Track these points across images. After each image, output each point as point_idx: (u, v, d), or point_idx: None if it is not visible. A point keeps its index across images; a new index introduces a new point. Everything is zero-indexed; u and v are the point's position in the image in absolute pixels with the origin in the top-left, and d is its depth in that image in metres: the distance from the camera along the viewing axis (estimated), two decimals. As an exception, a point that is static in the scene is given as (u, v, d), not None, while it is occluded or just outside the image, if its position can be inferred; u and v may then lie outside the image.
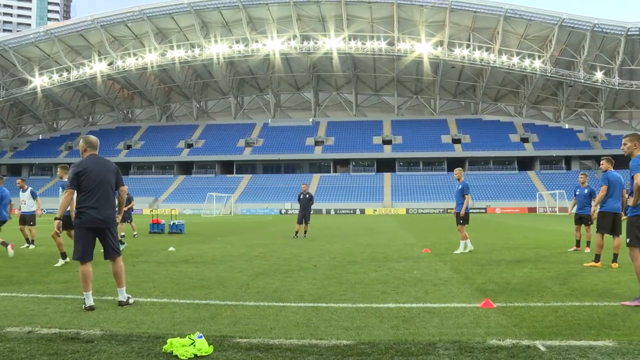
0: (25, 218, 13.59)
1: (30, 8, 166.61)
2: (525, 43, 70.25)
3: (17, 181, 13.99)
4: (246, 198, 72.26)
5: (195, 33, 73.74)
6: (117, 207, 6.28)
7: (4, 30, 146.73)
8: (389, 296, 6.45)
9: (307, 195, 17.62)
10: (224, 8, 70.74)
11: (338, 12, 70.11)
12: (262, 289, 7.04)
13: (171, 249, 13.06)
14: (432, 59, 73.25)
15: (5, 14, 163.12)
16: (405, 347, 4.20)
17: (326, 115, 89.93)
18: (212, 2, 69.71)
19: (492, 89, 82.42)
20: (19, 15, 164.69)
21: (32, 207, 13.56)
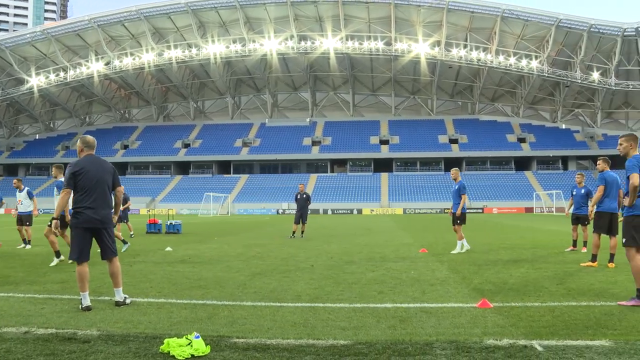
0: (22, 218, 13.55)
1: (26, 7, 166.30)
2: (522, 43, 70.34)
3: (14, 181, 13.95)
4: (243, 198, 72.20)
5: (192, 33, 73.64)
6: (113, 207, 6.27)
7: (1, 29, 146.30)
8: (386, 296, 6.45)
9: (304, 195, 17.63)
10: (221, 8, 70.66)
11: (335, 12, 70.09)
12: (259, 289, 7.03)
13: (168, 249, 13.05)
14: (430, 59, 73.28)
15: (1, 13, 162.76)
16: (402, 347, 4.20)
17: (323, 115, 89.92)
18: (209, 2, 69.60)
19: (489, 89, 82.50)
20: (15, 15, 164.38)
21: (29, 208, 13.53)
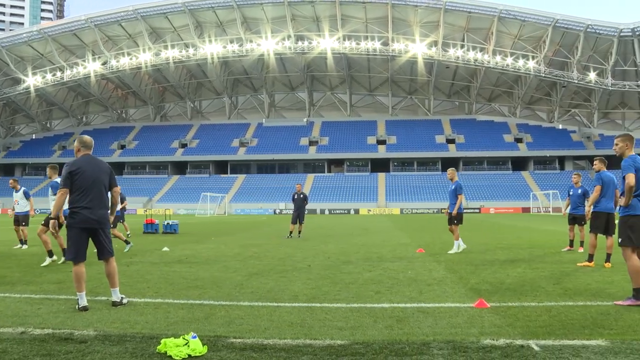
0: (18, 218, 13.52)
1: (23, 7, 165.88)
2: (519, 43, 70.48)
3: (10, 181, 13.90)
4: (240, 198, 72.15)
5: (189, 33, 73.59)
6: (109, 208, 6.25)
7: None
8: (383, 296, 6.45)
9: (301, 195, 17.62)
10: (218, 8, 70.63)
11: (332, 12, 70.12)
12: (256, 289, 7.02)
13: (165, 249, 13.03)
14: (427, 59, 73.37)
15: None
16: (399, 347, 4.20)
17: (320, 115, 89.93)
18: (206, 2, 69.58)
19: (486, 89, 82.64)
20: (11, 14, 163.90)
21: (25, 208, 13.49)
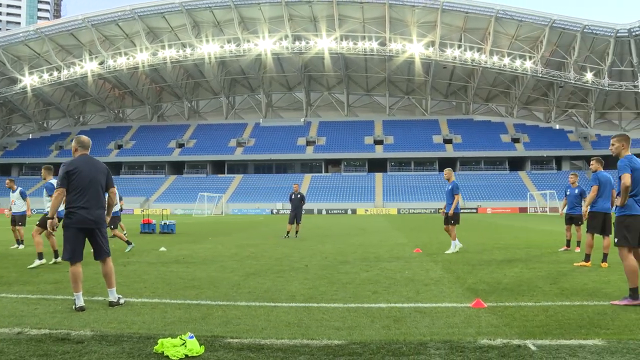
0: (15, 219, 13.49)
1: (19, 6, 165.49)
2: (516, 44, 70.61)
3: (6, 181, 13.86)
4: (237, 198, 72.10)
5: (186, 33, 73.50)
6: (106, 208, 6.25)
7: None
8: (381, 296, 6.45)
9: (298, 195, 17.62)
10: (215, 8, 70.56)
11: (330, 12, 70.12)
12: (254, 289, 7.02)
13: (162, 249, 13.01)
14: (424, 60, 73.44)
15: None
16: (396, 347, 4.21)
17: (318, 115, 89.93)
18: (203, 2, 69.51)
19: (483, 89, 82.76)
20: (8, 14, 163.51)
21: (22, 208, 13.45)
